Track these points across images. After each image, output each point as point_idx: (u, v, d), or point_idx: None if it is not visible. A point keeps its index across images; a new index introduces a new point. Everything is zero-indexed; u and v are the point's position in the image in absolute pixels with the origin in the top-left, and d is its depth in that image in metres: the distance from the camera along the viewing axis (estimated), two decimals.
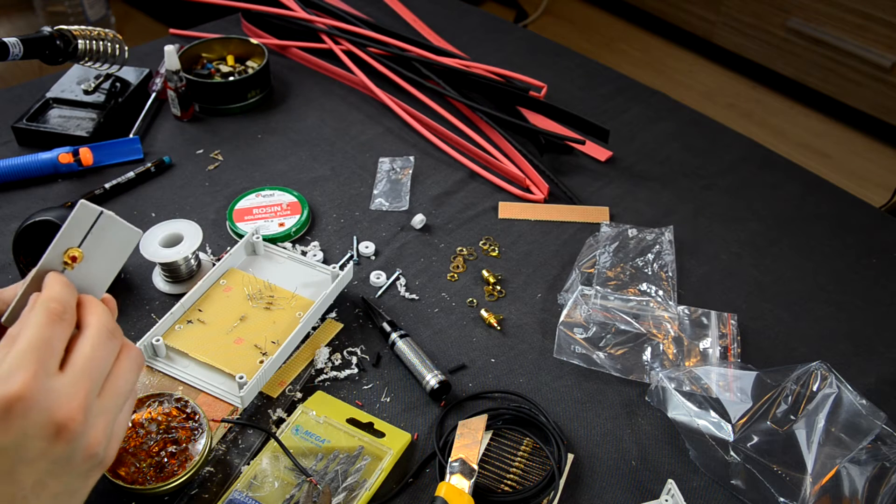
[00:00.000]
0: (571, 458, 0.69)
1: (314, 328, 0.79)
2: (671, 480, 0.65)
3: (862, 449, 0.64)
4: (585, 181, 1.00)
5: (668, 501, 0.65)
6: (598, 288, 0.80)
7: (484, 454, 0.68)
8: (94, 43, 0.98)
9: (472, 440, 0.66)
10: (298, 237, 0.90)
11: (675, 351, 0.76)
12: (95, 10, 2.55)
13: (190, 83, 1.06)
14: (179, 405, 0.67)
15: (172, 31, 1.27)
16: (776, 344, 0.80)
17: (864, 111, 2.28)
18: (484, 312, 0.81)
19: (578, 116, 1.04)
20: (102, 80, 1.08)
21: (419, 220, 0.91)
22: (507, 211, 0.95)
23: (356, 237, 0.90)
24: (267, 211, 0.91)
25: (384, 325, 0.78)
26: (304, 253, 0.88)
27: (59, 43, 0.94)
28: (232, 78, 1.09)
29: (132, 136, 1.02)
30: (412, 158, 1.02)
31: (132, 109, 1.07)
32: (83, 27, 0.98)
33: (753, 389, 0.70)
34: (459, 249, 0.90)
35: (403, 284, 0.85)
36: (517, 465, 0.68)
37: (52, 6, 2.52)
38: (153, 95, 1.08)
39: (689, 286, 0.86)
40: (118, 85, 1.07)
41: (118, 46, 1.01)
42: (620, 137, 1.07)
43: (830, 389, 0.67)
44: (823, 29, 2.24)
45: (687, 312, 0.81)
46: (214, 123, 1.08)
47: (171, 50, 1.01)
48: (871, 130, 2.32)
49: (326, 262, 0.87)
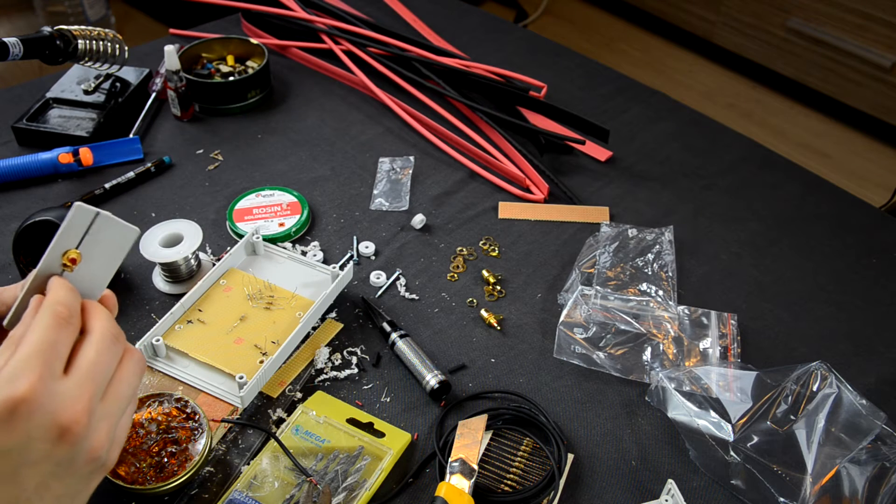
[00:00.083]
0: (571, 458, 0.69)
1: (314, 328, 0.79)
2: (671, 480, 0.65)
3: (862, 449, 0.64)
4: (585, 181, 1.00)
5: (668, 501, 0.65)
6: (598, 288, 0.80)
7: (484, 454, 0.68)
8: (94, 43, 0.98)
9: (472, 440, 0.66)
10: (298, 237, 0.90)
11: (675, 351, 0.76)
12: (95, 10, 2.55)
13: (190, 83, 1.06)
14: (179, 405, 0.67)
15: (172, 31, 1.27)
16: (776, 344, 0.80)
17: (864, 111, 2.28)
18: (484, 312, 0.81)
19: (578, 116, 1.04)
20: (102, 80, 1.08)
21: (419, 220, 0.91)
22: (507, 211, 0.95)
23: (356, 237, 0.90)
24: (267, 211, 0.91)
25: (384, 325, 0.78)
26: (304, 253, 0.88)
27: (59, 43, 0.94)
28: (232, 78, 1.09)
29: (132, 136, 1.02)
30: (412, 158, 1.02)
31: (132, 109, 1.07)
32: (83, 27, 0.98)
33: (753, 389, 0.70)
34: (459, 249, 0.90)
35: (403, 284, 0.85)
36: (517, 465, 0.68)
37: (52, 6, 2.52)
38: (153, 95, 1.08)
39: (689, 286, 0.86)
40: (118, 85, 1.07)
41: (118, 46, 1.01)
42: (620, 137, 1.07)
43: (830, 389, 0.67)
44: (823, 29, 2.24)
45: (687, 312, 0.81)
46: (214, 123, 1.08)
47: (171, 50, 1.01)
48: (871, 130, 2.32)
49: (326, 262, 0.87)
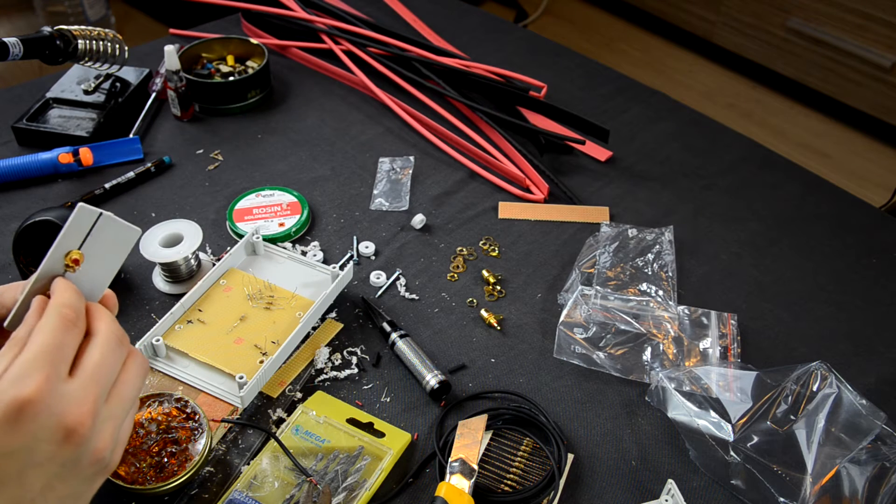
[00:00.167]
0: (571, 458, 0.69)
1: (314, 328, 0.79)
2: (671, 480, 0.65)
3: (862, 449, 0.64)
4: (585, 181, 1.00)
5: (668, 501, 0.65)
6: (598, 288, 0.80)
7: (484, 454, 0.68)
8: (94, 43, 0.98)
9: (472, 440, 0.66)
10: (298, 237, 0.90)
11: (675, 351, 0.76)
12: (95, 10, 2.55)
13: (190, 83, 1.06)
14: (179, 405, 0.67)
15: (172, 31, 1.27)
16: (776, 344, 0.80)
17: (864, 111, 2.28)
18: (484, 312, 0.81)
19: (578, 116, 1.04)
20: (102, 80, 1.08)
21: (419, 220, 0.91)
22: (507, 211, 0.95)
23: (356, 237, 0.90)
24: (267, 211, 0.91)
25: (384, 325, 0.78)
26: (304, 253, 0.88)
27: (59, 43, 0.94)
28: (232, 78, 1.09)
29: (132, 136, 1.02)
30: (412, 158, 1.02)
31: (132, 109, 1.07)
32: (83, 27, 0.98)
33: (753, 389, 0.70)
34: (459, 249, 0.90)
35: (403, 284, 0.85)
36: (517, 465, 0.68)
37: (52, 6, 2.52)
38: (153, 95, 1.08)
39: (689, 286, 0.86)
40: (118, 85, 1.07)
41: (118, 46, 1.01)
42: (620, 137, 1.07)
43: (830, 389, 0.67)
44: (823, 29, 2.24)
45: (687, 312, 0.81)
46: (214, 123, 1.08)
47: (171, 50, 1.01)
48: (871, 130, 2.32)
49: (326, 262, 0.87)
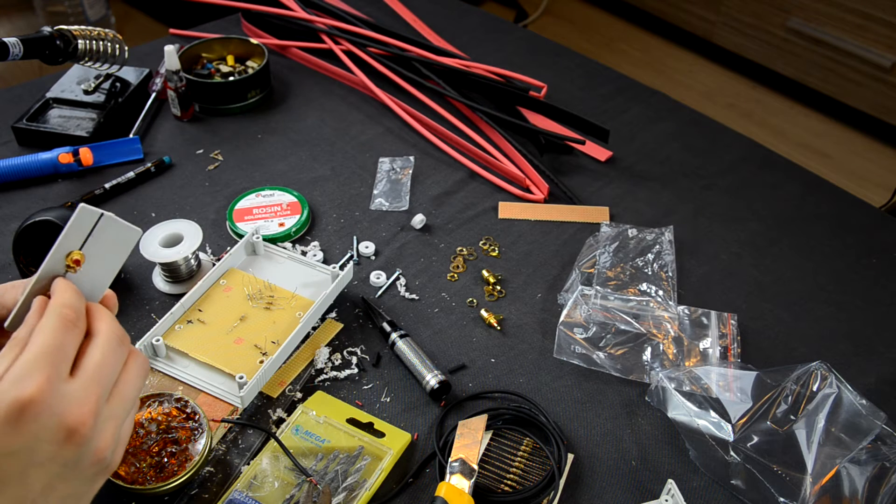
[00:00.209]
0: (571, 458, 0.69)
1: (314, 328, 0.79)
2: (671, 480, 0.65)
3: (862, 449, 0.64)
4: (585, 181, 1.00)
5: (668, 501, 0.65)
6: (598, 288, 0.80)
7: (484, 454, 0.68)
8: (94, 43, 0.98)
9: (472, 440, 0.66)
10: (298, 237, 0.90)
11: (675, 351, 0.76)
12: (95, 10, 2.55)
13: (190, 83, 1.06)
14: (179, 405, 0.67)
15: (172, 31, 1.27)
16: (776, 344, 0.80)
17: (864, 111, 2.28)
18: (484, 312, 0.81)
19: (578, 116, 1.04)
20: (102, 80, 1.08)
21: (419, 220, 0.91)
22: (507, 211, 0.95)
23: (356, 237, 0.90)
24: (267, 211, 0.91)
25: (384, 325, 0.78)
26: (304, 253, 0.88)
27: (59, 43, 0.94)
28: (232, 78, 1.09)
29: (132, 136, 1.02)
30: (412, 158, 1.02)
31: (132, 109, 1.07)
32: (83, 27, 0.98)
33: (753, 389, 0.70)
34: (459, 249, 0.90)
35: (403, 284, 0.85)
36: (517, 465, 0.68)
37: (52, 6, 2.52)
38: (153, 95, 1.08)
39: (689, 286, 0.86)
40: (118, 85, 1.07)
41: (118, 46, 1.01)
42: (620, 137, 1.07)
43: (830, 389, 0.67)
44: (823, 29, 2.24)
45: (687, 312, 0.81)
46: (214, 123, 1.08)
47: (171, 50, 1.01)
48: (871, 130, 2.32)
49: (326, 262, 0.87)
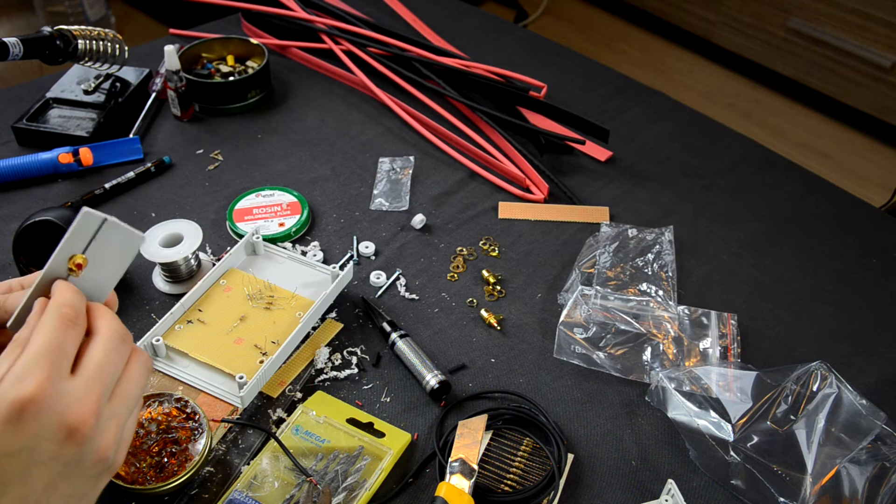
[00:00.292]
0: (571, 458, 0.69)
1: (314, 328, 0.79)
2: (671, 480, 0.65)
3: (862, 449, 0.64)
4: (585, 181, 1.00)
5: (668, 501, 0.65)
6: (598, 288, 0.80)
7: (484, 454, 0.68)
8: (94, 43, 0.98)
9: (472, 440, 0.66)
10: (298, 237, 0.90)
11: (675, 351, 0.76)
12: (95, 10, 2.55)
13: (190, 83, 1.06)
14: (179, 405, 0.67)
15: (172, 31, 1.27)
16: (776, 344, 0.80)
17: (864, 111, 2.28)
18: (484, 312, 0.81)
19: (578, 116, 1.04)
20: (102, 80, 1.08)
21: (419, 220, 0.91)
22: (507, 211, 0.95)
23: (356, 237, 0.90)
24: (267, 211, 0.91)
25: (384, 325, 0.78)
26: (304, 253, 0.88)
27: (59, 43, 0.94)
28: (232, 78, 1.09)
29: (132, 136, 1.02)
30: (412, 158, 1.02)
31: (132, 109, 1.07)
32: (83, 27, 0.98)
33: (753, 389, 0.70)
34: (459, 249, 0.90)
35: (403, 284, 0.85)
36: (517, 465, 0.68)
37: (52, 6, 2.52)
38: (153, 95, 1.08)
39: (689, 286, 0.86)
40: (118, 85, 1.07)
41: (118, 46, 1.01)
42: (620, 137, 1.07)
43: (830, 389, 0.67)
44: (823, 29, 2.24)
45: (687, 312, 0.81)
46: (214, 123, 1.08)
47: (171, 50, 1.01)
48: (871, 130, 2.32)
49: (326, 262, 0.87)
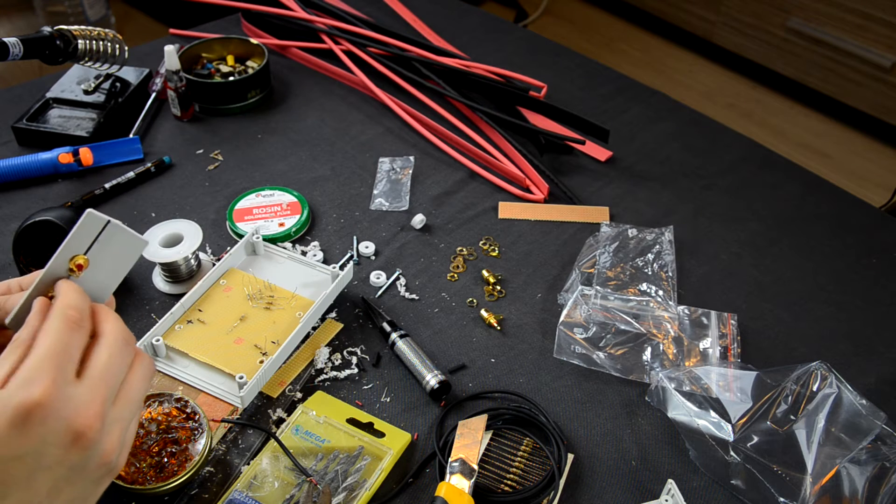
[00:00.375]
0: (571, 458, 0.69)
1: (314, 328, 0.79)
2: (671, 480, 0.65)
3: (862, 449, 0.64)
4: (585, 181, 1.00)
5: (668, 501, 0.65)
6: (598, 288, 0.80)
7: (484, 454, 0.68)
8: (94, 43, 0.98)
9: (472, 440, 0.66)
10: (298, 237, 0.90)
11: (675, 351, 0.76)
12: (95, 10, 2.55)
13: (190, 83, 1.06)
14: (179, 405, 0.67)
15: (172, 31, 1.27)
16: (776, 344, 0.80)
17: (864, 111, 2.28)
18: (484, 312, 0.81)
19: (578, 116, 1.04)
20: (102, 80, 1.08)
21: (419, 220, 0.91)
22: (507, 211, 0.95)
23: (356, 237, 0.90)
24: (267, 211, 0.91)
25: (384, 325, 0.78)
26: (304, 253, 0.88)
27: (59, 43, 0.94)
28: (232, 78, 1.09)
29: (132, 136, 1.02)
30: (412, 158, 1.02)
31: (132, 109, 1.07)
32: (83, 27, 0.98)
33: (753, 389, 0.70)
34: (459, 249, 0.90)
35: (403, 284, 0.85)
36: (517, 465, 0.68)
37: (52, 6, 2.52)
38: (153, 95, 1.08)
39: (689, 286, 0.86)
40: (118, 85, 1.07)
41: (118, 46, 1.01)
42: (620, 137, 1.07)
43: (830, 389, 0.67)
44: (823, 29, 2.24)
45: (687, 312, 0.81)
46: (214, 123, 1.08)
47: (171, 50, 1.01)
48: (871, 130, 2.32)
49: (326, 262, 0.87)
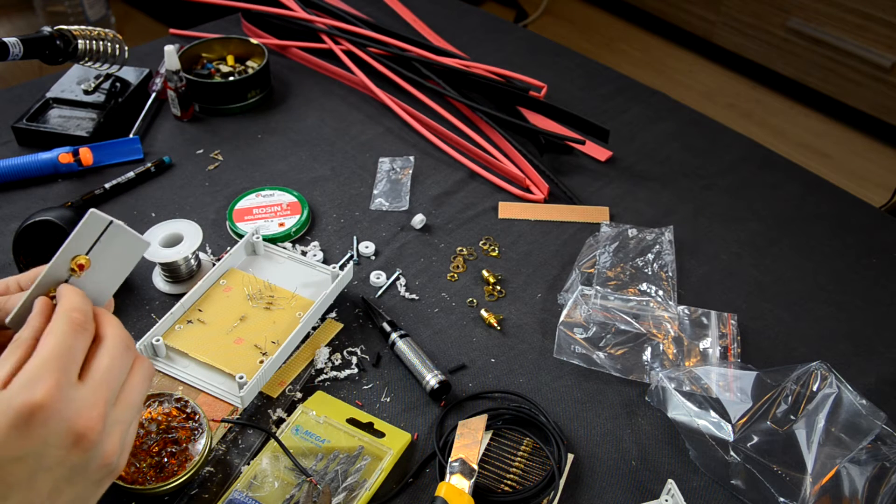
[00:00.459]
0: (571, 458, 0.69)
1: (314, 328, 0.79)
2: (671, 480, 0.65)
3: (862, 449, 0.64)
4: (585, 181, 1.00)
5: (668, 501, 0.65)
6: (598, 288, 0.80)
7: (484, 454, 0.68)
8: (94, 43, 0.98)
9: (472, 440, 0.66)
10: (298, 237, 0.90)
11: (675, 351, 0.76)
12: (95, 10, 2.55)
13: (190, 83, 1.06)
14: (179, 405, 0.67)
15: (172, 31, 1.27)
16: (776, 344, 0.80)
17: (864, 111, 2.28)
18: (484, 312, 0.81)
19: (578, 116, 1.04)
20: (102, 80, 1.08)
21: (419, 220, 0.91)
22: (507, 211, 0.95)
23: (356, 237, 0.90)
24: (267, 211, 0.91)
25: (384, 325, 0.78)
26: (304, 253, 0.88)
27: (59, 43, 0.94)
28: (232, 78, 1.09)
29: (132, 136, 1.02)
30: (412, 158, 1.02)
31: (132, 109, 1.07)
32: (83, 27, 0.98)
33: (753, 389, 0.70)
34: (459, 249, 0.90)
35: (403, 284, 0.85)
36: (517, 465, 0.68)
37: (52, 6, 2.52)
38: (153, 95, 1.08)
39: (689, 286, 0.86)
40: (118, 85, 1.07)
41: (118, 46, 1.01)
42: (620, 137, 1.07)
43: (830, 389, 0.67)
44: (823, 29, 2.24)
45: (687, 312, 0.81)
46: (214, 123, 1.08)
47: (171, 50, 1.01)
48: (871, 130, 2.32)
49: (326, 262, 0.87)
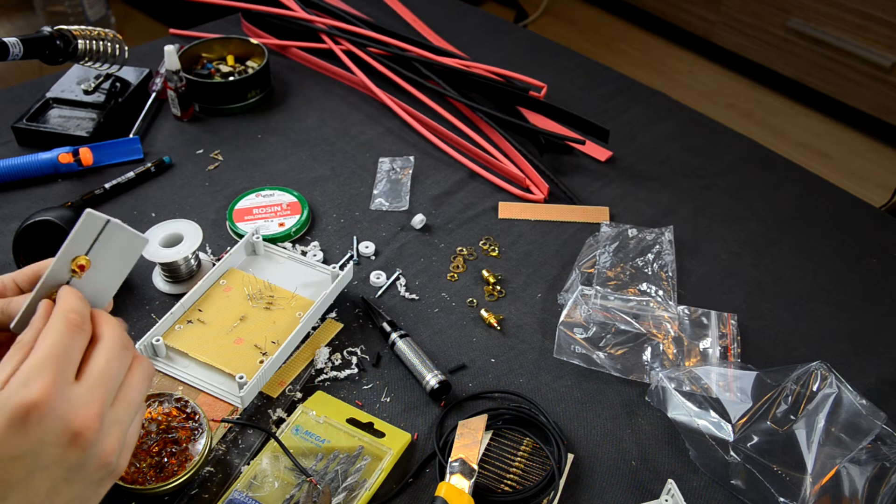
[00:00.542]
0: (571, 458, 0.69)
1: (314, 328, 0.79)
2: (671, 480, 0.65)
3: (862, 449, 0.64)
4: (585, 181, 1.01)
5: (668, 501, 0.65)
6: (598, 288, 0.80)
7: (484, 454, 0.68)
8: (94, 43, 0.98)
9: (472, 440, 0.66)
10: (298, 237, 0.90)
11: (675, 351, 0.76)
12: (95, 10, 2.55)
13: (190, 83, 1.06)
14: (179, 405, 0.67)
15: (172, 31, 1.27)
16: (776, 344, 0.80)
17: (864, 111, 2.28)
18: (484, 312, 0.81)
19: (578, 116, 1.04)
20: (102, 80, 1.08)
21: (419, 220, 0.91)
22: (507, 211, 0.95)
23: (356, 237, 0.90)
24: (267, 211, 0.91)
25: (384, 325, 0.78)
26: (304, 253, 0.88)
27: (59, 43, 0.94)
28: (232, 78, 1.09)
29: (132, 136, 1.02)
30: (412, 158, 1.02)
31: (132, 109, 1.07)
32: (83, 27, 0.98)
33: (753, 389, 0.70)
34: (459, 249, 0.90)
35: (403, 284, 0.85)
36: (517, 465, 0.68)
37: (52, 6, 2.52)
38: (153, 95, 1.08)
39: (689, 286, 0.86)
40: (118, 85, 1.07)
41: (118, 46, 1.01)
42: (620, 137, 1.07)
43: (830, 389, 0.67)
44: (823, 29, 2.24)
45: (687, 312, 0.81)
46: (214, 123, 1.08)
47: (171, 50, 1.01)
48: (871, 130, 2.32)
49: (326, 262, 0.87)
